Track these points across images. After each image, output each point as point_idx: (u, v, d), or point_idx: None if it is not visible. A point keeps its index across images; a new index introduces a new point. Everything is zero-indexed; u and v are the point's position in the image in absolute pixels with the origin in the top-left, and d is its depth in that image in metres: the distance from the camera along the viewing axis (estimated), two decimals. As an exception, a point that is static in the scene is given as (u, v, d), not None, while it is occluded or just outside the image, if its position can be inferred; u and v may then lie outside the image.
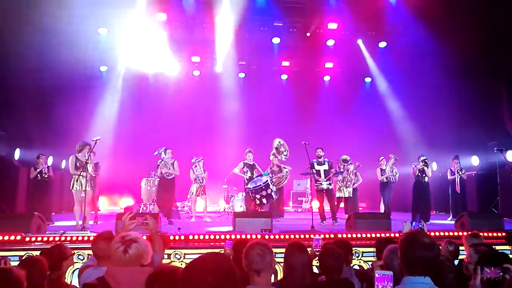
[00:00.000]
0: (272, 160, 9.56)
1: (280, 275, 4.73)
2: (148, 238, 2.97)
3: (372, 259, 5.20)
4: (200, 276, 1.62)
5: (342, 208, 10.06)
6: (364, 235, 6.06)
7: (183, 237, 5.82)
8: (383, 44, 13.34)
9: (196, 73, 14.68)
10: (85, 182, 7.48)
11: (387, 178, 9.94)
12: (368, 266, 5.31)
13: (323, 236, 5.36)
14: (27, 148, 9.87)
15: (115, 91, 13.16)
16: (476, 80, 10.65)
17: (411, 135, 12.34)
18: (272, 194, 8.46)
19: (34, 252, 4.87)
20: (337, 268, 3.04)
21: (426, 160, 9.37)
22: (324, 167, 9.16)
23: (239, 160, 9.76)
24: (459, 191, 9.78)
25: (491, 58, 10.26)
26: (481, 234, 4.18)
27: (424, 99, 12.10)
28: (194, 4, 11.93)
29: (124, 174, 12.23)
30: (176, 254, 5.39)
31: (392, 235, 5.45)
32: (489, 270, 2.23)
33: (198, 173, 9.35)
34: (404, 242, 2.26)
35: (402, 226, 4.83)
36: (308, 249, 3.34)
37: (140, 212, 9.84)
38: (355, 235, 6.09)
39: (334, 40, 13.33)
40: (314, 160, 9.13)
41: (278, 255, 4.40)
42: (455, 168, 9.86)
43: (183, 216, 10.24)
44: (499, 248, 5.36)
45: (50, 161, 9.98)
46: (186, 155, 10.11)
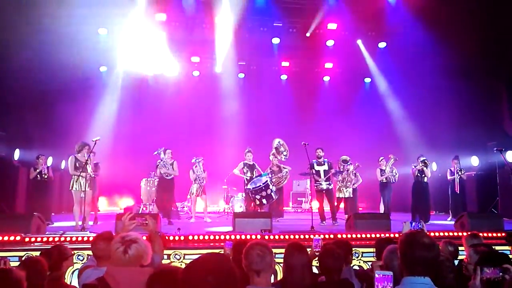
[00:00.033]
0: (271, 160, 9.55)
1: (280, 275, 4.73)
2: (147, 238, 2.97)
3: (372, 259, 5.20)
4: (200, 276, 1.62)
5: (342, 208, 10.06)
6: (364, 236, 6.07)
7: (182, 237, 5.82)
8: (382, 45, 13.34)
9: (196, 73, 14.67)
10: (84, 183, 7.47)
11: (386, 178, 9.93)
12: (368, 267, 5.31)
13: (322, 236, 5.37)
14: (26, 149, 9.86)
15: (114, 91, 13.15)
16: (476, 80, 10.65)
17: (411, 135, 12.33)
18: (272, 194, 8.45)
19: (34, 253, 4.88)
20: (336, 269, 3.05)
21: (426, 160, 9.36)
22: (324, 168, 9.15)
23: (239, 160, 9.75)
24: (459, 191, 9.77)
25: (491, 58, 10.26)
26: (480, 235, 4.18)
27: (424, 99, 12.10)
28: (194, 4, 11.93)
29: (124, 174, 12.23)
30: (176, 254, 5.39)
31: (392, 235, 5.45)
32: (488, 270, 2.23)
33: (199, 173, 9.35)
34: (404, 242, 2.27)
35: (402, 226, 4.83)
36: (308, 249, 3.34)
37: (139, 212, 9.83)
38: (355, 236, 6.09)
39: (333, 40, 13.33)
40: (314, 161, 9.13)
41: (278, 255, 4.40)
42: (455, 168, 9.86)
43: (183, 216, 10.24)
44: (499, 248, 5.36)
45: (50, 161, 9.97)
46: (186, 155, 10.11)
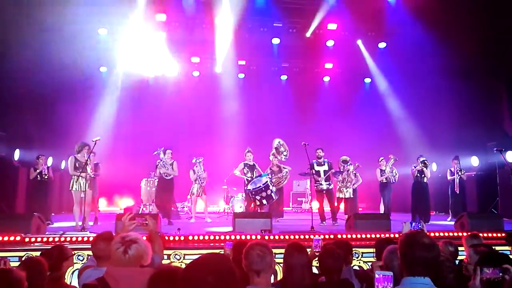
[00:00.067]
0: (271, 160, 9.54)
1: (280, 275, 4.73)
2: (147, 238, 2.97)
3: (372, 259, 5.20)
4: (200, 276, 1.61)
5: (342, 208, 10.05)
6: (364, 236, 6.07)
7: (183, 237, 5.82)
8: (382, 45, 13.34)
9: (196, 73, 14.68)
10: (84, 183, 7.46)
11: (386, 178, 9.92)
12: (368, 267, 5.30)
13: (322, 236, 5.37)
14: (26, 149, 9.85)
15: (114, 91, 13.15)
16: (476, 80, 10.64)
17: (411, 135, 12.33)
18: (272, 195, 8.43)
19: (34, 253, 4.88)
20: (336, 269, 3.05)
21: (425, 161, 9.35)
22: (324, 168, 9.15)
23: (239, 160, 9.74)
24: (458, 191, 9.77)
25: (491, 58, 10.26)
26: (480, 235, 4.18)
27: (424, 99, 12.10)
28: (194, 5, 11.92)
29: (124, 175, 12.22)
30: (176, 254, 5.39)
31: (392, 235, 5.45)
32: (488, 270, 2.23)
33: (200, 173, 9.34)
34: (404, 242, 2.27)
35: (402, 226, 4.83)
36: (308, 249, 3.34)
37: (139, 212, 9.83)
38: (355, 236, 6.09)
39: (333, 40, 13.32)
40: (314, 161, 9.13)
41: (278, 255, 4.40)
42: (455, 169, 9.86)
43: (183, 216, 10.24)
44: (499, 248, 5.36)
45: (50, 161, 9.97)
46: (186, 156, 10.12)
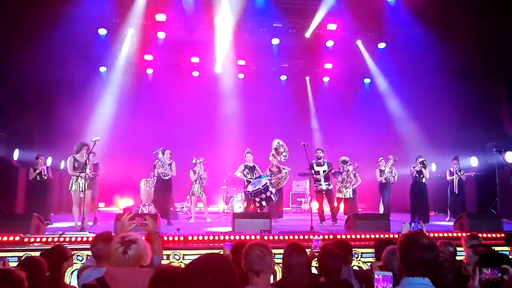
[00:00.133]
0: (271, 161, 9.54)
1: (279, 275, 4.73)
2: (146, 238, 2.96)
3: (371, 260, 5.20)
4: (199, 276, 1.62)
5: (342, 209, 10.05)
6: (363, 236, 6.07)
7: (182, 237, 5.82)
8: (382, 45, 13.34)
9: (196, 73, 14.68)
10: (83, 183, 7.46)
11: (386, 179, 9.92)
12: (367, 267, 5.30)
13: (322, 237, 5.37)
14: (26, 149, 9.84)
15: (114, 92, 13.15)
16: (475, 80, 10.64)
17: (411, 135, 12.33)
18: (271, 196, 8.42)
19: (33, 253, 4.87)
20: (336, 269, 3.05)
21: (424, 161, 9.33)
22: (323, 168, 9.15)
23: (238, 160, 9.73)
24: (457, 191, 9.79)
25: (490, 58, 10.25)
26: (480, 235, 4.18)
27: (424, 99, 12.10)
28: (194, 5, 11.92)
29: (123, 175, 12.21)
30: (175, 254, 5.39)
31: (391, 236, 5.45)
32: (487, 271, 2.23)
33: (201, 173, 9.34)
34: (403, 243, 2.27)
35: (401, 227, 4.83)
36: (308, 250, 3.34)
37: (139, 212, 9.83)
38: (354, 236, 6.09)
39: (333, 41, 13.34)
40: (314, 161, 9.13)
41: (277, 256, 4.39)
42: (454, 169, 9.87)
43: (182, 216, 10.23)
44: (498, 249, 5.37)
45: (49, 161, 9.96)
46: (185, 156, 10.11)
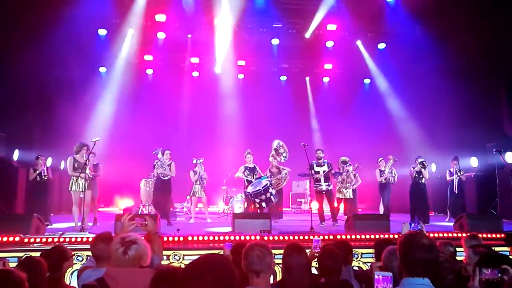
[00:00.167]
0: (271, 161, 9.54)
1: (279, 276, 4.73)
2: (146, 239, 2.96)
3: (371, 260, 5.20)
4: (199, 276, 1.62)
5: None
6: (363, 237, 6.07)
7: (182, 238, 5.82)
8: (382, 45, 13.35)
9: (196, 74, 14.68)
10: (83, 183, 7.45)
11: (386, 179, 9.91)
12: (367, 268, 5.30)
13: (322, 237, 5.37)
14: (26, 149, 9.84)
15: (114, 92, 13.15)
16: (475, 80, 10.64)
17: (411, 135, 12.33)
18: (271, 197, 8.40)
19: (33, 253, 4.86)
20: (336, 270, 3.05)
21: (424, 162, 9.32)
22: (323, 169, 9.15)
23: (238, 161, 9.73)
24: (457, 192, 9.79)
25: (490, 58, 10.26)
26: (479, 236, 4.18)
27: (424, 99, 12.10)
28: (194, 5, 11.93)
29: (123, 175, 12.21)
30: (175, 255, 5.39)
31: (391, 236, 5.45)
32: (487, 271, 2.23)
33: (201, 174, 9.34)
34: (403, 243, 2.27)
35: (401, 227, 4.82)
36: (308, 250, 3.34)
37: (139, 213, 9.83)
38: (354, 237, 6.09)
39: (333, 41, 13.34)
40: (314, 162, 9.13)
41: (277, 256, 4.39)
42: (454, 169, 9.87)
43: (182, 217, 10.23)
44: (498, 249, 5.36)
45: (49, 162, 9.95)
46: (185, 156, 10.11)
